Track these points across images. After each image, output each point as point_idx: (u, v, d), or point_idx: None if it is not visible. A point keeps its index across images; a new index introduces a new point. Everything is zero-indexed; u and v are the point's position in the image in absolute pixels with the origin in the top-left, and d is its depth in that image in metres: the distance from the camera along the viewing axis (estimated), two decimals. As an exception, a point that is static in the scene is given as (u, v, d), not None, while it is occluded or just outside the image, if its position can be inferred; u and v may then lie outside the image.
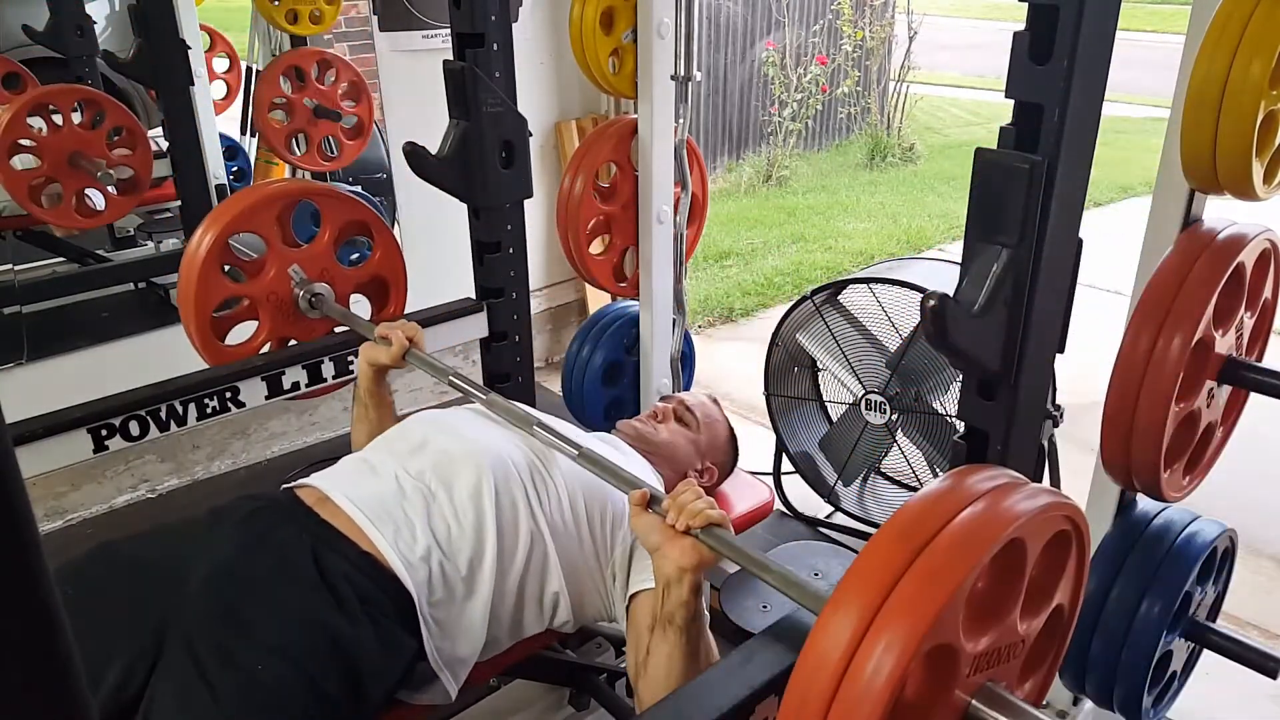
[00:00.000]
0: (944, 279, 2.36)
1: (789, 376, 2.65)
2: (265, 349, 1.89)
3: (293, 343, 1.92)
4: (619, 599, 1.37)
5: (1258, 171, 1.22)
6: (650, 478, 1.47)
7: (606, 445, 1.51)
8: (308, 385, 1.87)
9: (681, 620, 1.15)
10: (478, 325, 2.05)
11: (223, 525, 1.26)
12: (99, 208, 2.67)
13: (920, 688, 0.79)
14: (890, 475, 2.68)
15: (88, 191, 2.63)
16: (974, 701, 0.83)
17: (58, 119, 2.54)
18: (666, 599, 1.15)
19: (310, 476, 1.36)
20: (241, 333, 1.89)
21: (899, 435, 2.42)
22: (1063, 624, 0.94)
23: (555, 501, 1.36)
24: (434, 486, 1.30)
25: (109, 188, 2.61)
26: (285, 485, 1.38)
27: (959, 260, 1.10)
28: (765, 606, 2.32)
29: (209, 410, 1.75)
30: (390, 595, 1.20)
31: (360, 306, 2.03)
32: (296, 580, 1.18)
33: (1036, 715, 0.82)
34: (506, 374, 2.10)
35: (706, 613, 1.21)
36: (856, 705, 0.71)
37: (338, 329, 1.94)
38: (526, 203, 2.00)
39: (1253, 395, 1.47)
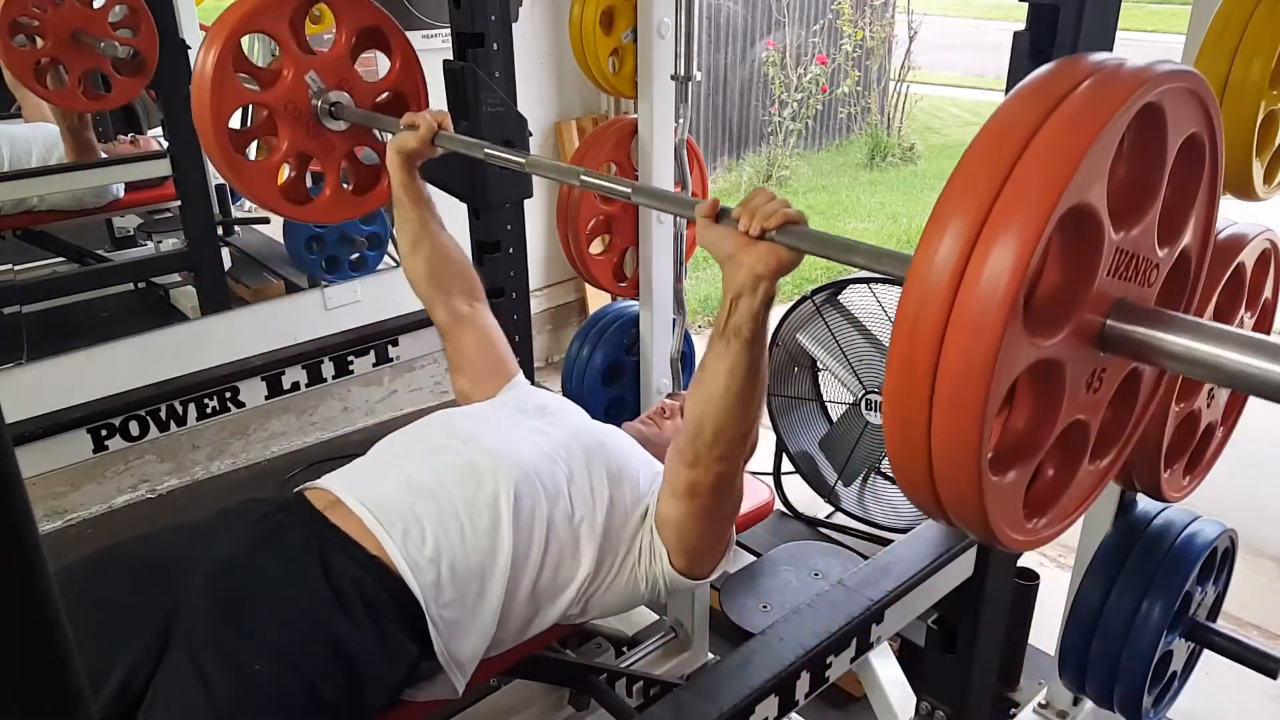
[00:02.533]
0: (944, 279, 2.36)
1: (789, 376, 2.65)
2: (286, 167, 1.81)
3: (313, 164, 1.83)
4: (657, 549, 1.34)
5: (1258, 171, 1.22)
6: (656, 471, 1.46)
7: (622, 438, 1.50)
8: (308, 385, 1.87)
9: (749, 332, 1.08)
10: (478, 325, 2.05)
11: (231, 527, 1.25)
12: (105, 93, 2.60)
13: (1059, 270, 0.70)
14: (890, 475, 2.67)
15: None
16: (1109, 321, 0.72)
17: None
18: (734, 311, 1.08)
19: (323, 478, 1.35)
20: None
21: (899, 435, 2.42)
22: (1191, 272, 0.83)
23: (576, 497, 1.33)
24: (449, 489, 1.28)
25: (117, 56, 2.51)
26: (297, 489, 1.36)
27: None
28: (765, 606, 2.32)
29: (209, 410, 1.75)
30: (396, 599, 1.19)
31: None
32: (300, 582, 1.17)
33: (1191, 320, 0.71)
34: (506, 374, 2.10)
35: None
36: (992, 280, 0.61)
37: (359, 152, 1.85)
38: (526, 203, 2.00)
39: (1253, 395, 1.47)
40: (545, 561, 1.29)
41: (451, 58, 1.85)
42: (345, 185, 1.86)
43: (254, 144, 1.88)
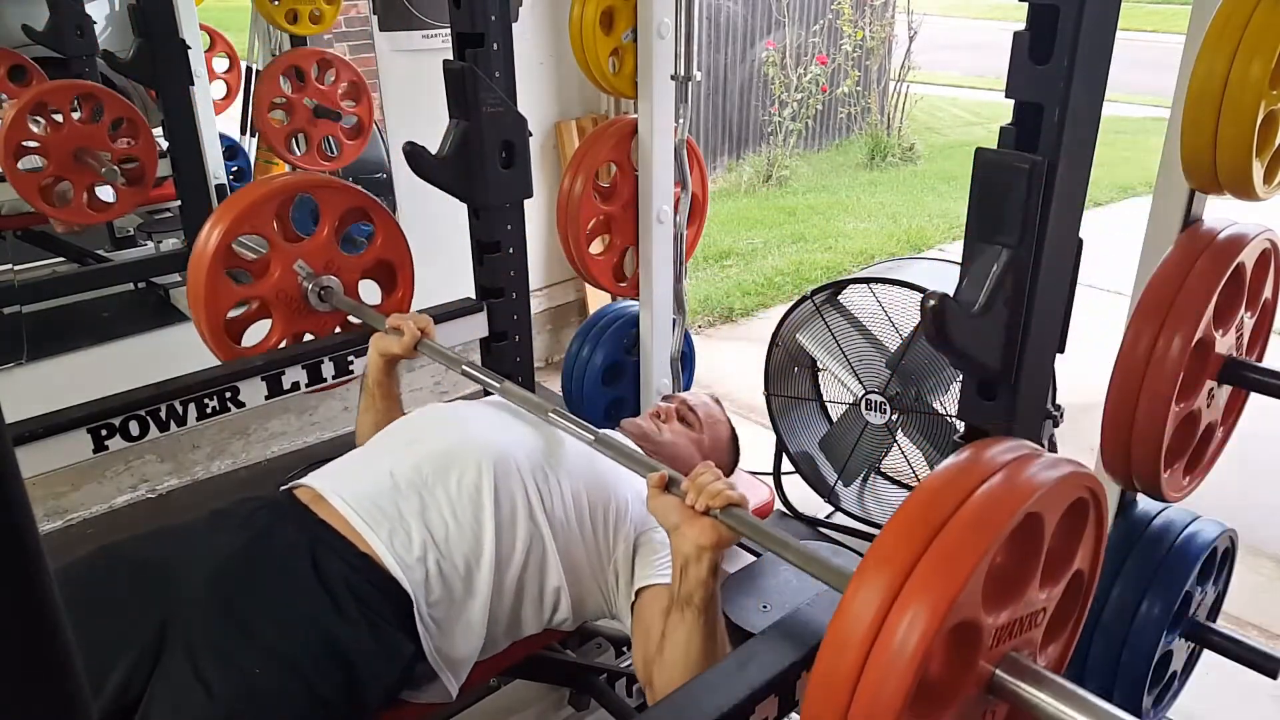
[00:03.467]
0: (944, 279, 2.36)
1: (789, 376, 2.65)
2: (282, 345, 1.90)
3: (308, 336, 1.94)
4: (622, 596, 1.37)
5: (1258, 171, 1.22)
6: (639, 495, 1.47)
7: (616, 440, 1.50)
8: (308, 385, 1.87)
9: (700, 600, 1.15)
10: (478, 325, 2.05)
11: (224, 527, 1.26)
12: (109, 201, 2.68)
13: (945, 663, 0.80)
14: (890, 475, 2.67)
15: (98, 193, 2.64)
16: (998, 671, 0.84)
17: (58, 118, 2.54)
18: (685, 579, 1.16)
19: (307, 476, 1.36)
20: (256, 333, 1.90)
21: (899, 435, 2.42)
22: (1083, 589, 0.95)
23: (557, 498, 1.35)
24: (431, 482, 1.29)
25: (117, 180, 2.61)
26: (283, 486, 1.37)
27: (959, 260, 1.10)
28: (765, 606, 2.31)
29: (209, 410, 1.75)
30: (388, 596, 1.20)
31: (369, 293, 2.04)
32: (294, 582, 1.18)
33: (1059, 681, 0.83)
34: (506, 374, 2.10)
35: (719, 597, 1.21)
36: (883, 681, 0.73)
37: (352, 318, 1.94)
38: (526, 203, 2.00)
39: (1253, 395, 1.47)
40: (530, 552, 1.31)
41: (451, 58, 1.85)
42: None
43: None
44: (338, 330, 1.97)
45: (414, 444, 1.37)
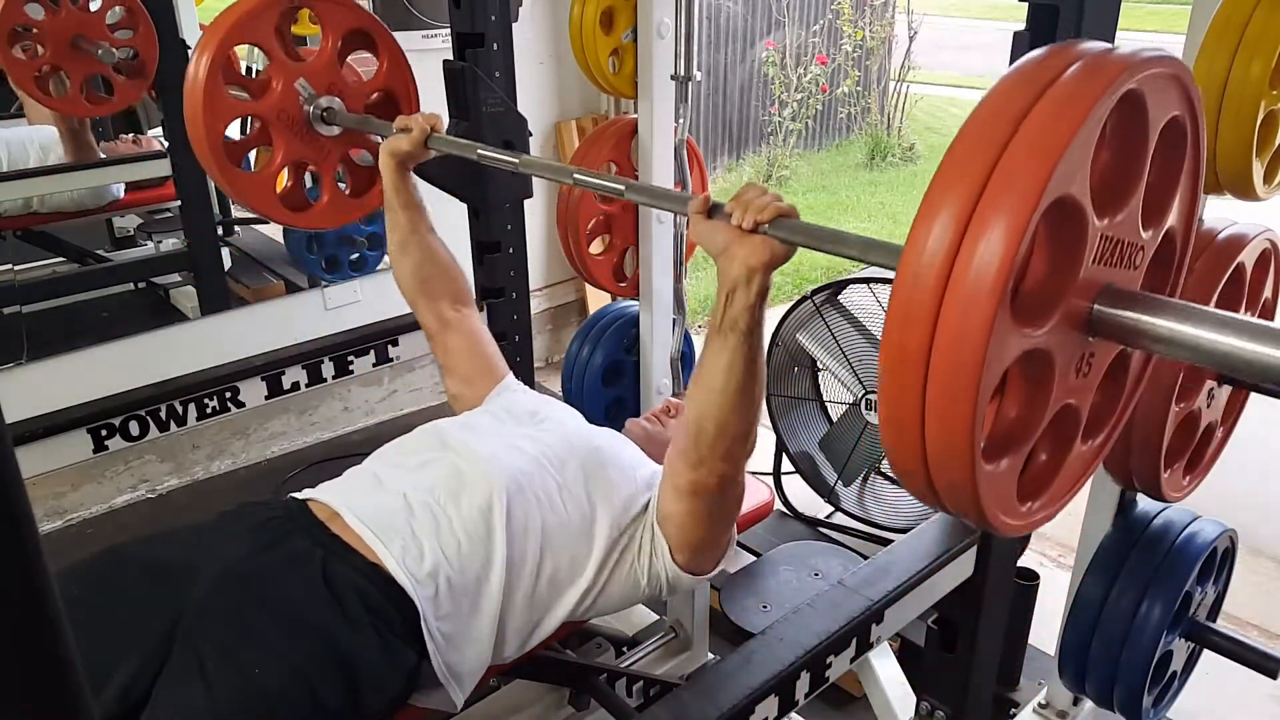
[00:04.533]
0: (944, 279, 2.36)
1: (789, 376, 2.65)
2: (285, 175, 1.81)
3: (310, 169, 1.83)
4: (660, 545, 1.33)
5: (1258, 171, 1.22)
6: (653, 470, 1.46)
7: (616, 440, 1.50)
8: (307, 385, 1.87)
9: (745, 325, 1.09)
10: (478, 325, 2.05)
11: (234, 531, 1.25)
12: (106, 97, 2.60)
13: (1045, 262, 0.71)
14: (890, 475, 2.68)
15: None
16: (1097, 306, 0.73)
17: (56, 3, 2.43)
18: (730, 305, 1.08)
19: (319, 489, 1.34)
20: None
21: (899, 435, 2.42)
22: (1176, 252, 0.85)
23: (570, 504, 1.33)
24: (443, 502, 1.28)
25: (114, 70, 2.52)
26: (294, 495, 1.36)
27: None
28: (765, 606, 2.32)
29: (208, 410, 1.75)
30: (397, 607, 1.19)
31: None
32: (303, 588, 1.17)
33: (1179, 304, 0.72)
34: (506, 374, 2.10)
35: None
36: (980, 273, 0.62)
37: (354, 155, 1.85)
38: (526, 203, 2.00)
39: (1253, 395, 1.47)
40: (540, 571, 1.29)
41: (451, 58, 1.85)
42: (342, 188, 1.86)
43: (253, 153, 1.88)
44: (339, 169, 1.86)
45: (425, 466, 1.35)
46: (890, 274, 0.77)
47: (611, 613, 1.44)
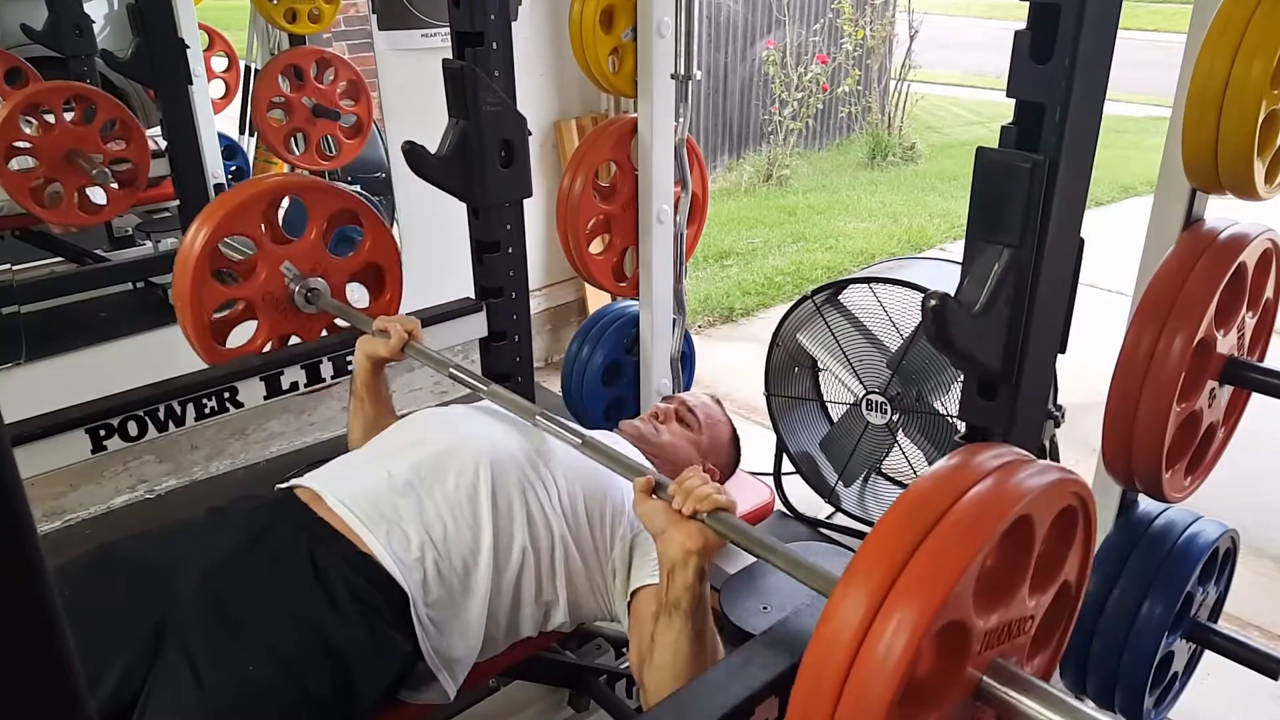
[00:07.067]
0: (945, 279, 2.36)
1: (789, 376, 2.64)
2: (267, 347, 1.88)
3: (294, 339, 1.92)
4: (619, 596, 1.37)
5: (1259, 171, 1.22)
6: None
7: (608, 442, 1.50)
8: (306, 385, 1.87)
9: (687, 605, 1.15)
10: (477, 325, 2.05)
11: (222, 525, 1.26)
12: (100, 203, 2.67)
13: (933, 665, 0.80)
14: (891, 475, 2.67)
15: (89, 192, 2.63)
16: (985, 678, 0.83)
17: (50, 118, 2.52)
18: (672, 584, 1.15)
19: (304, 476, 1.36)
20: (241, 334, 1.88)
21: (900, 435, 2.42)
22: (1070, 599, 0.95)
23: (554, 498, 1.35)
24: (428, 483, 1.29)
25: (108, 182, 2.60)
26: (279, 485, 1.37)
27: (960, 260, 1.10)
28: (765, 607, 2.31)
29: (207, 410, 1.75)
30: (385, 595, 1.20)
31: (357, 297, 2.03)
32: (292, 580, 1.18)
33: (1046, 689, 0.82)
34: (506, 374, 2.10)
35: (709, 600, 1.20)
36: (870, 683, 0.72)
37: (338, 320, 1.93)
38: (526, 202, 2.00)
39: (1254, 395, 1.47)
40: (528, 552, 1.31)
41: (451, 57, 1.85)
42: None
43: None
44: (324, 333, 1.96)
45: (411, 446, 1.37)
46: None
47: (596, 620, 1.46)
